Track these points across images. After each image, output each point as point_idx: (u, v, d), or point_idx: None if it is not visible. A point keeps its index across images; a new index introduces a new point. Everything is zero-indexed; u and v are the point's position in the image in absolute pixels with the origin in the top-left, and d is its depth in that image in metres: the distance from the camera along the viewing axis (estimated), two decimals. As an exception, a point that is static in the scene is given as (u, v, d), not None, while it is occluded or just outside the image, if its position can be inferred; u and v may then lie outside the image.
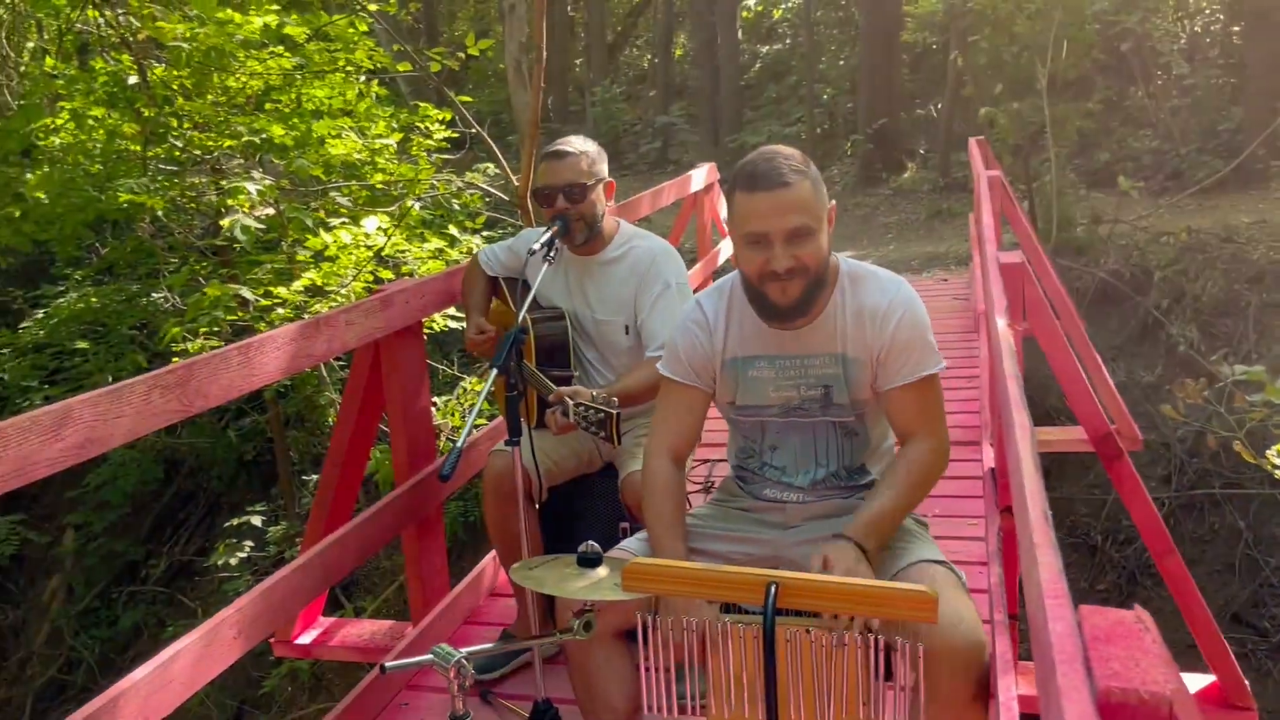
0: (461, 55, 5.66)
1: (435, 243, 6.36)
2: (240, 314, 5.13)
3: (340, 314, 2.90)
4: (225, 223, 4.46)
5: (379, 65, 5.79)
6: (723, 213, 7.36)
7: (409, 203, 6.49)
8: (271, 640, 3.64)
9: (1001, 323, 2.03)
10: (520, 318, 2.63)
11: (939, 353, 2.19)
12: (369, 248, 6.05)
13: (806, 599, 1.65)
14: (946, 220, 10.86)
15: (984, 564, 2.56)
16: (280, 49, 5.77)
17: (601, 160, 2.93)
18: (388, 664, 1.70)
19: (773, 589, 1.62)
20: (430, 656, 1.73)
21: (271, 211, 4.82)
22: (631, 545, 2.28)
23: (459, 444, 2.33)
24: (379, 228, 6.10)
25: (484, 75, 19.18)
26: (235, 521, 7.59)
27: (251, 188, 4.53)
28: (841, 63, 14.52)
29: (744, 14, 16.36)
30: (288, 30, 5.27)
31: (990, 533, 2.62)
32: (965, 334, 6.45)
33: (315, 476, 7.42)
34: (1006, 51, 7.79)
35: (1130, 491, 2.68)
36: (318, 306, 5.21)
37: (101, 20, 5.20)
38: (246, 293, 4.67)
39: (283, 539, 7.46)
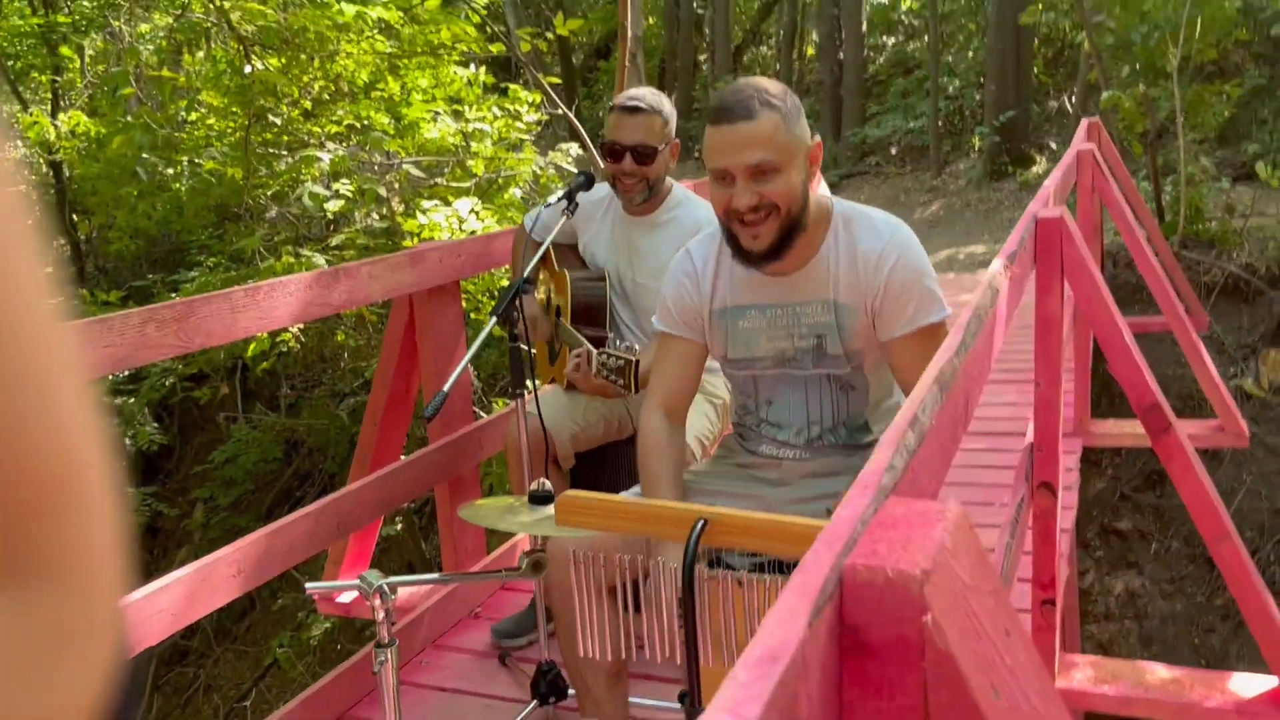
0: (550, 36, 5.67)
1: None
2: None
3: (364, 265, 2.92)
4: (295, 194, 4.60)
5: (468, 48, 5.87)
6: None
7: (511, 190, 6.56)
8: (316, 597, 3.71)
9: (997, 264, 1.86)
10: (526, 270, 2.60)
11: (942, 300, 2.04)
12: (461, 227, 6.13)
13: (736, 537, 1.55)
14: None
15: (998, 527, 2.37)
16: (377, 34, 5.91)
17: (672, 120, 2.87)
18: (309, 585, 1.67)
19: (699, 525, 1.54)
20: (356, 582, 1.70)
21: (348, 188, 4.93)
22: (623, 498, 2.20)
23: (445, 388, 2.31)
24: (471, 209, 6.19)
25: (614, 74, 19.35)
26: (335, 497, 7.81)
27: (324, 157, 4.65)
28: (970, 54, 14.00)
29: (870, 6, 15.99)
30: (380, 13, 5.39)
31: (1012, 503, 2.42)
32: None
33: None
34: (1136, 32, 7.32)
35: (1181, 469, 2.44)
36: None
37: (211, 5, 5.44)
38: (321, 260, 4.79)
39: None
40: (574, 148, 5.98)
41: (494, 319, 2.44)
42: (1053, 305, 2.48)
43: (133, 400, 9.29)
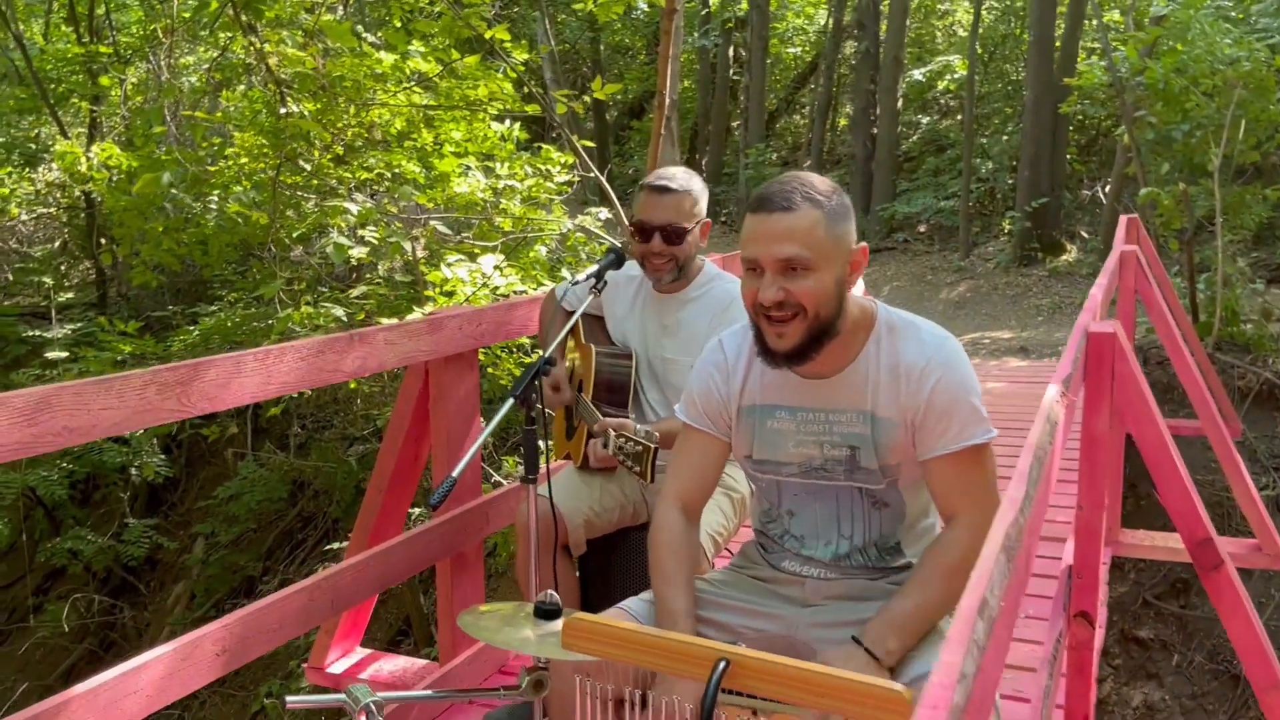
0: (588, 99, 5.63)
1: (550, 283, 6.33)
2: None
3: (380, 331, 2.81)
4: (319, 245, 4.53)
5: (504, 106, 5.84)
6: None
7: (537, 248, 6.50)
8: (305, 666, 3.56)
9: (1053, 390, 1.74)
10: (550, 350, 2.49)
11: (988, 421, 1.91)
12: (485, 284, 6.06)
13: (759, 681, 1.42)
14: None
15: (1033, 670, 2.21)
16: (414, 86, 5.89)
17: (703, 199, 2.78)
18: (289, 699, 1.54)
19: (720, 666, 1.41)
20: (342, 695, 1.56)
21: (374, 235, 4.86)
22: (633, 605, 2.07)
23: (454, 473, 2.19)
24: (496, 266, 6.12)
25: (647, 134, 19.48)
26: (336, 546, 7.68)
27: (352, 207, 4.58)
28: (1005, 138, 13.99)
29: (906, 84, 16.05)
30: (415, 64, 5.37)
31: (1050, 637, 2.27)
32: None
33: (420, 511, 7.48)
34: (1177, 130, 7.25)
35: (1230, 607, 2.29)
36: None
37: (251, 48, 5.44)
38: (340, 312, 4.70)
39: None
40: (603, 212, 5.91)
41: (511, 399, 2.33)
42: (1100, 425, 2.35)
43: (141, 431, 9.21)
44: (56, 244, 14.65)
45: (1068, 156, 12.54)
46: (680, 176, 2.72)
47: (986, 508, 1.87)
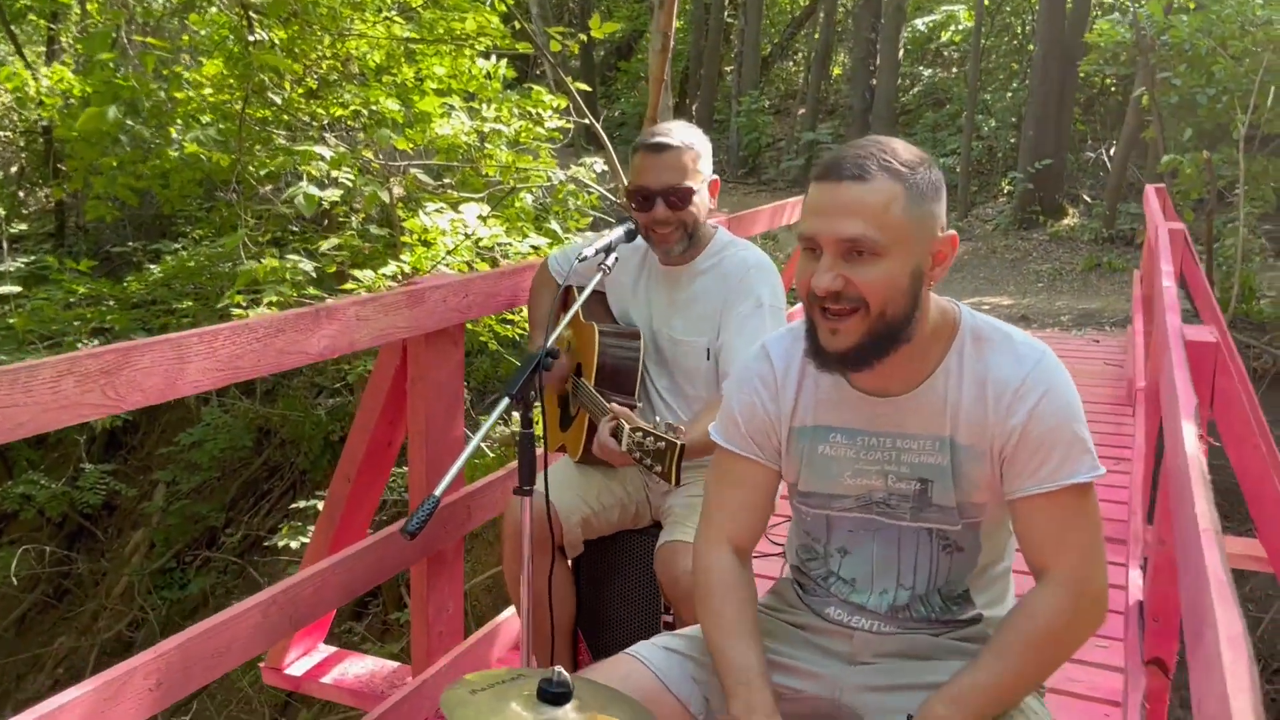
0: (584, 37, 5.17)
1: (536, 237, 5.90)
2: (313, 291, 4.75)
3: (351, 305, 2.41)
4: (287, 194, 4.09)
5: (493, 43, 5.36)
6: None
7: (523, 196, 6.06)
8: (261, 664, 3.21)
9: (1190, 431, 1.37)
10: (550, 339, 2.10)
11: (1094, 454, 1.55)
12: (467, 235, 5.63)
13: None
14: (1105, 275, 9.86)
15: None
16: (395, 16, 5.40)
17: (707, 154, 2.38)
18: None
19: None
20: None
21: (348, 181, 4.41)
22: (650, 655, 1.71)
23: (437, 491, 1.82)
24: (479, 216, 5.68)
25: (636, 75, 18.84)
26: (303, 504, 7.31)
27: (324, 152, 4.13)
28: (1009, 95, 13.52)
29: (909, 33, 15.52)
30: (399, -4, 4.89)
31: (1131, 699, 1.94)
32: (1115, 406, 5.62)
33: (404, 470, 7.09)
34: (1202, 94, 6.87)
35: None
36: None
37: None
38: (307, 265, 4.27)
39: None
40: (599, 162, 5.47)
41: (507, 398, 1.95)
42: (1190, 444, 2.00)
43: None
44: (14, 169, 13.95)
45: (1074, 117, 12.13)
46: (678, 130, 2.33)
47: (1087, 560, 1.53)
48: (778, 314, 2.34)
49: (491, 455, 6.23)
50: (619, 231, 2.43)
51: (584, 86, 5.37)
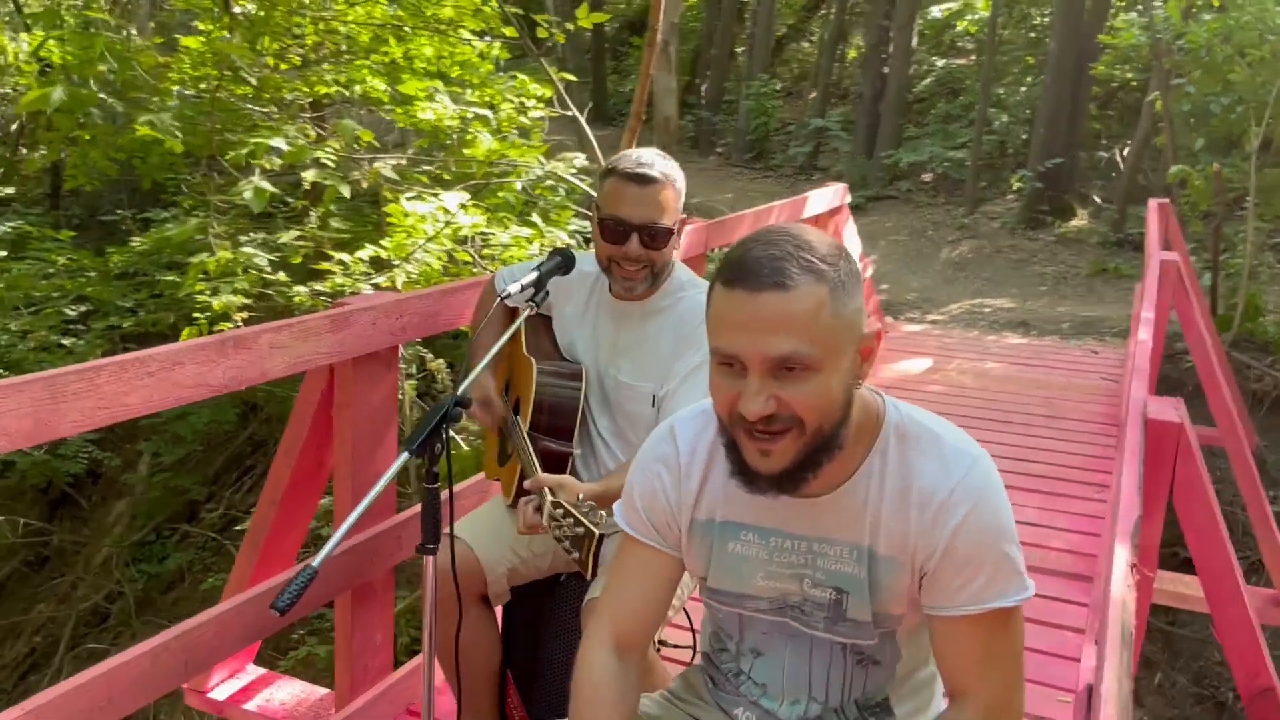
0: (570, 26, 4.97)
1: (519, 229, 5.72)
2: (283, 277, 4.58)
3: (265, 332, 2.25)
4: (236, 187, 3.92)
5: (483, 27, 5.17)
6: (850, 243, 6.49)
7: (513, 184, 5.87)
8: (185, 686, 3.08)
9: (1120, 561, 1.23)
10: (461, 387, 1.94)
11: (1024, 574, 1.39)
12: (448, 222, 5.46)
13: None
14: (1111, 281, 9.64)
15: None
16: (379, -3, 5.20)
17: (683, 191, 2.21)
18: None
19: None
20: None
21: (329, 160, 4.23)
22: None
23: (315, 562, 1.67)
24: (461, 205, 5.51)
25: (640, 54, 18.54)
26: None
27: (279, 144, 3.95)
28: (1023, 89, 13.21)
29: (924, 21, 15.18)
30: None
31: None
32: (1107, 428, 5.44)
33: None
34: (1216, 102, 6.63)
35: None
36: (364, 287, 4.62)
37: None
38: (262, 260, 4.11)
39: (323, 515, 6.99)
40: (580, 157, 5.28)
41: (406, 453, 1.80)
42: (1153, 533, 1.85)
43: (83, 341, 8.59)
44: (14, 127, 13.77)
45: (1088, 116, 11.84)
46: (660, 163, 2.15)
47: (1008, 688, 1.41)
48: None
49: (468, 449, 6.10)
50: (553, 262, 2.27)
51: (570, 77, 5.17)
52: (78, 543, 9.80)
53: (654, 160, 2.15)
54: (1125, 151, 11.37)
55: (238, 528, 7.95)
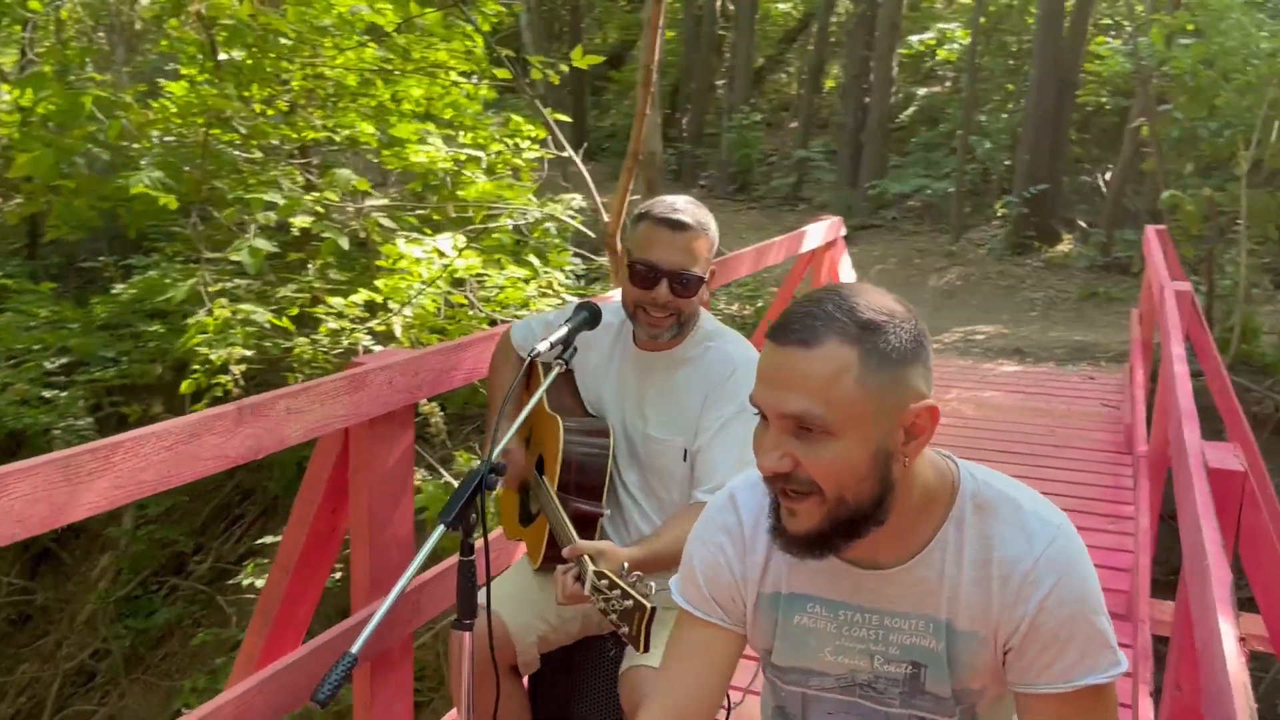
0: (565, 67, 4.93)
1: (514, 270, 5.65)
2: (286, 322, 4.46)
3: (281, 398, 2.15)
4: (232, 246, 3.82)
5: (474, 69, 5.12)
6: (845, 276, 6.45)
7: (505, 223, 5.81)
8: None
9: (1229, 639, 1.15)
10: (494, 452, 1.86)
11: (1115, 648, 1.32)
12: (445, 267, 5.38)
13: None
14: (1101, 305, 9.65)
15: None
16: (368, 39, 5.15)
17: (716, 240, 2.17)
18: None
19: None
20: None
21: (307, 222, 4.15)
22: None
23: (354, 648, 1.58)
24: (456, 248, 5.44)
25: (629, 84, 18.59)
26: (269, 540, 7.03)
27: (276, 199, 3.87)
28: (1005, 116, 13.30)
29: (904, 51, 15.30)
30: (371, 18, 4.63)
31: None
32: (1114, 455, 5.39)
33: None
34: (1203, 127, 6.66)
35: None
36: (360, 333, 4.52)
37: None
38: (260, 318, 4.01)
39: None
40: (577, 198, 5.22)
41: (443, 524, 1.71)
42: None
43: (65, 394, 8.42)
44: (-9, 175, 13.61)
45: (1070, 140, 11.92)
46: (694, 211, 2.11)
47: None
48: None
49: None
50: (580, 317, 2.19)
51: (563, 117, 5.13)
52: (61, 600, 9.57)
53: (688, 207, 2.10)
54: (1108, 175, 11.44)
55: (229, 581, 7.78)
